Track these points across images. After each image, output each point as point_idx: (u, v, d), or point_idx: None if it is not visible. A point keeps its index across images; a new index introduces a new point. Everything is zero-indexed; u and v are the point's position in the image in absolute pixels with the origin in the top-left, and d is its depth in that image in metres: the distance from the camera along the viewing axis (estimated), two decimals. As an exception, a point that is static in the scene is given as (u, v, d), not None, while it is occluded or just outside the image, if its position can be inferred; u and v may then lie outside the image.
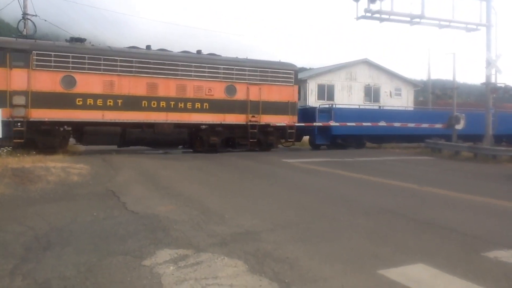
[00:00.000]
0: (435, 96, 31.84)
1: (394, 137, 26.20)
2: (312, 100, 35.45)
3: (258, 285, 4.53)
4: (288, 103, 21.77)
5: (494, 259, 5.54)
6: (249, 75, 21.15)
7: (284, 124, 21.71)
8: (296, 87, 22.34)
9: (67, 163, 13.48)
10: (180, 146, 21.71)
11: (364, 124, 24.11)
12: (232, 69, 20.77)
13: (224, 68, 20.57)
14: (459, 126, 23.89)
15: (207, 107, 20.05)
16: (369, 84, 38.62)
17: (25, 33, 23.71)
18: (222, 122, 20.50)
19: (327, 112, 24.66)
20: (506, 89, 23.42)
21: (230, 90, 20.66)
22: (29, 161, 12.92)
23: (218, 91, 20.35)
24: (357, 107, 30.75)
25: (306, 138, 25.93)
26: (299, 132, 23.40)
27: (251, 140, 20.96)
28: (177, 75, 19.49)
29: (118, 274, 4.80)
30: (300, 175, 13.69)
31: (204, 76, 20.07)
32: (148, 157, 17.69)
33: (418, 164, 18.17)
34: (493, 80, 22.61)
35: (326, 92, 36.90)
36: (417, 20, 21.41)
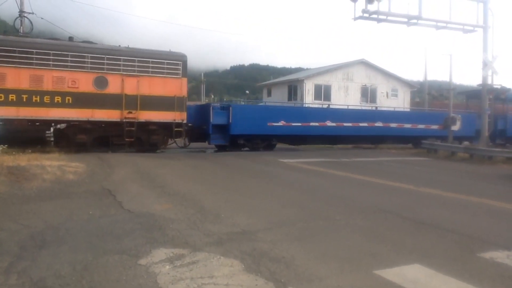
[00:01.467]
0: (431, 97, 31.91)
1: (316, 138, 24.74)
2: (309, 100, 35.48)
3: (254, 285, 4.52)
4: (175, 98, 19.10)
5: (490, 260, 5.55)
6: (124, 65, 18.47)
7: (170, 121, 19.26)
8: (184, 80, 19.68)
9: (63, 161, 13.43)
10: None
11: (275, 124, 22.44)
12: (103, 59, 18.14)
13: (92, 57, 17.93)
14: (456, 127, 23.98)
15: (70, 101, 17.45)
16: (365, 85, 38.69)
17: (21, 31, 23.64)
18: (90, 119, 17.92)
19: (225, 110, 22.03)
20: (502, 90, 23.51)
21: (100, 82, 18.00)
22: (25, 159, 12.86)
23: (84, 83, 17.72)
24: (272, 104, 30.31)
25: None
26: (200, 132, 21.52)
27: (128, 139, 18.47)
28: (31, 64, 16.87)
29: (114, 273, 4.79)
30: (297, 175, 13.69)
31: (66, 66, 17.45)
32: (144, 156, 17.64)
33: (414, 164, 18.21)
34: (489, 81, 22.69)
35: (323, 92, 36.94)
36: (414, 21, 21.47)
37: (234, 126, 21.49)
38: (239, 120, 21.62)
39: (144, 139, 19.20)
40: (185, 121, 19.62)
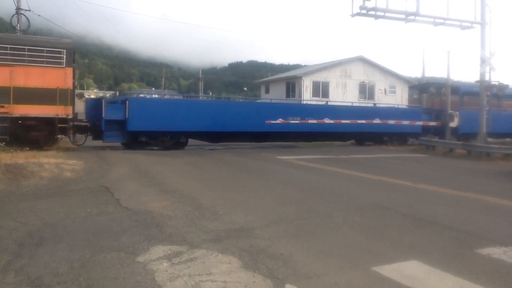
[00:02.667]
0: (430, 94, 31.94)
1: (238, 135, 22.62)
2: (307, 97, 35.49)
3: (252, 282, 4.52)
4: (57, 90, 16.84)
5: (487, 256, 5.56)
6: None
7: (52, 116, 17.01)
8: (69, 70, 17.30)
9: (61, 159, 13.43)
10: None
11: (185, 120, 20.56)
12: None
13: None
14: (453, 124, 24.02)
15: None
16: (363, 81, 38.73)
17: (18, 28, 23.57)
18: None
19: (122, 104, 19.78)
20: (500, 87, 23.53)
21: None
22: (22, 157, 12.85)
23: None
24: (176, 98, 28.64)
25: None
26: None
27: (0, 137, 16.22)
28: None
29: (111, 271, 4.78)
30: (294, 172, 13.70)
31: None
32: (142, 153, 17.64)
33: (412, 161, 18.23)
34: (487, 78, 22.71)
35: (321, 89, 36.97)
36: (412, 17, 21.45)
37: (132, 122, 19.22)
38: (139, 115, 19.44)
39: (22, 136, 16.81)
40: (71, 116, 17.47)
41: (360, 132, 25.30)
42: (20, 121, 16.72)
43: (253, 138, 23.52)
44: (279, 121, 22.25)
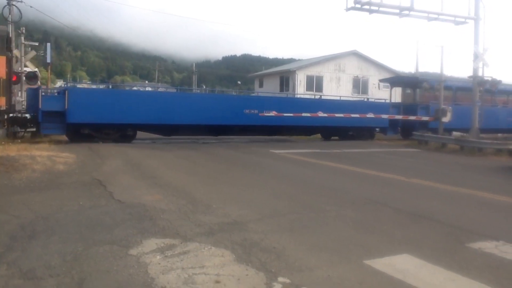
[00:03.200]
0: (423, 89, 32.04)
1: (191, 128, 21.60)
2: (301, 91, 35.49)
3: (245, 275, 4.54)
4: None
5: (479, 250, 5.61)
6: None
7: None
8: (2, 59, 16.26)
9: (53, 151, 13.37)
10: None
11: (133, 111, 19.53)
12: None
13: None
14: (446, 119, 24.12)
15: None
16: (357, 76, 38.80)
17: (10, 20, 23.32)
18: None
19: (61, 94, 18.77)
20: (493, 83, 23.65)
21: None
22: (14, 150, 12.78)
23: None
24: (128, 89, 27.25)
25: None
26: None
27: None
28: None
29: (104, 263, 4.77)
30: (288, 166, 13.72)
31: None
32: (135, 147, 17.59)
33: (405, 156, 18.31)
34: (480, 74, 22.81)
35: (314, 83, 36.99)
36: (406, 12, 21.49)
37: (71, 113, 18.22)
38: (80, 107, 18.37)
39: None
40: (3, 108, 16.54)
41: (322, 126, 24.56)
42: None
43: (210, 132, 22.68)
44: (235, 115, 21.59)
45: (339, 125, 24.55)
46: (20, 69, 22.39)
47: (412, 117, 25.98)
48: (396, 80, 31.48)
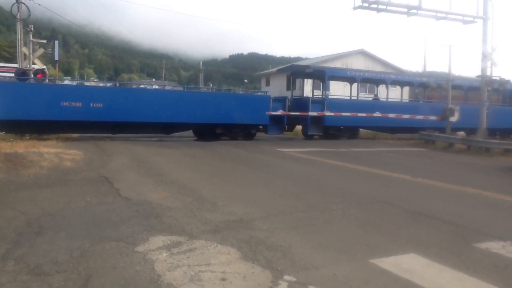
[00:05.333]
0: (430, 89, 31.89)
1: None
2: (308, 90, 35.41)
3: (251, 273, 4.54)
4: None
5: (485, 250, 5.58)
6: None
7: None
8: None
9: (60, 148, 13.44)
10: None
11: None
12: None
13: None
14: (454, 118, 23.99)
15: None
16: (364, 75, 38.57)
17: (18, 18, 23.47)
18: None
19: None
20: (501, 82, 23.49)
21: None
22: (22, 146, 12.86)
23: None
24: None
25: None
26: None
27: None
28: None
29: (110, 260, 4.80)
30: (294, 164, 13.70)
31: None
32: (142, 144, 17.65)
33: (411, 155, 18.24)
34: (488, 73, 22.66)
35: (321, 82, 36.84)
36: (414, 11, 21.37)
37: None
38: None
39: None
40: None
41: (184, 124, 21.12)
42: None
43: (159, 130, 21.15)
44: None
45: (202, 122, 21.14)
46: (28, 66, 22.53)
47: (419, 117, 25.84)
48: (296, 70, 27.97)
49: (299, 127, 25.67)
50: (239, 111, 21.43)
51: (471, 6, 22.72)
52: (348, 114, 24.16)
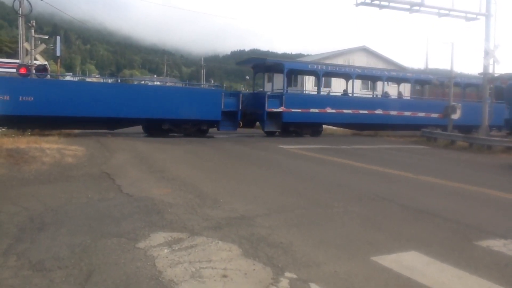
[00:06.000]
0: (432, 86, 31.83)
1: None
2: (309, 87, 35.37)
3: (252, 269, 4.55)
4: None
5: (487, 248, 5.58)
6: None
7: None
8: None
9: (62, 144, 13.44)
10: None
11: None
12: None
13: None
14: (455, 116, 23.95)
15: None
16: (366, 72, 38.49)
17: (20, 13, 23.45)
18: None
19: None
20: (503, 79, 23.43)
21: None
22: (24, 142, 12.87)
23: None
24: None
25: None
26: None
27: None
28: None
29: (112, 256, 4.81)
30: (295, 161, 13.70)
31: None
32: (144, 141, 17.66)
33: (413, 152, 18.22)
34: (490, 71, 22.61)
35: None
36: (417, 7, 21.34)
37: None
38: None
39: None
40: None
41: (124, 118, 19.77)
42: None
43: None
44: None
45: (155, 117, 19.94)
46: (30, 61, 22.52)
47: (421, 114, 25.80)
48: (256, 63, 26.28)
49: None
50: (188, 106, 20.21)
51: (474, 3, 22.75)
52: (314, 110, 23.19)
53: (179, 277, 4.28)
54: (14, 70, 21.43)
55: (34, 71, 20.73)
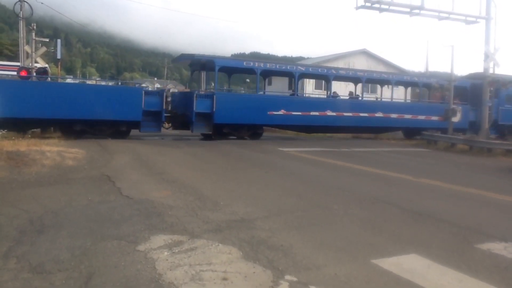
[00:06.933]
0: (432, 89, 31.81)
1: None
2: (310, 90, 35.40)
3: (252, 272, 4.54)
4: None
5: (487, 251, 5.57)
6: None
7: None
8: None
9: (62, 147, 13.45)
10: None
11: None
12: None
13: None
14: (456, 119, 23.96)
15: None
16: (366, 75, 38.50)
17: (21, 16, 23.49)
18: None
19: None
20: (503, 82, 23.45)
21: None
22: (24, 145, 12.87)
23: None
24: None
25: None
26: None
27: None
28: None
29: (112, 259, 4.81)
30: (296, 164, 13.69)
31: None
32: (144, 143, 17.66)
33: (413, 155, 18.22)
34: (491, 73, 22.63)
35: (323, 82, 36.80)
36: (417, 11, 21.41)
37: None
38: None
39: None
40: None
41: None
42: None
43: None
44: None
45: (65, 118, 18.21)
46: (30, 64, 22.56)
47: (421, 117, 25.79)
48: (187, 60, 24.48)
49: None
50: (103, 105, 18.34)
51: (474, 6, 22.75)
52: (252, 111, 21.50)
53: (179, 280, 4.28)
54: (15, 73, 21.48)
55: (34, 74, 20.78)
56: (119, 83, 22.95)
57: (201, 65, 23.56)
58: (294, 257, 5.02)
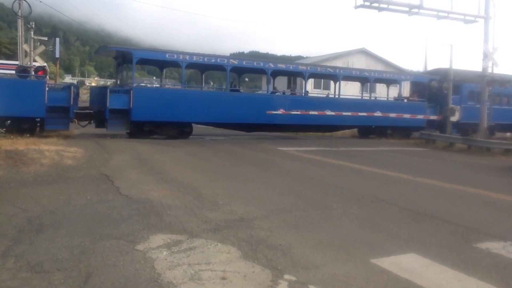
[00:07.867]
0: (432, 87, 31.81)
1: None
2: (309, 89, 35.38)
3: (251, 272, 4.55)
4: None
5: (486, 250, 5.58)
6: None
7: None
8: None
9: (61, 146, 13.44)
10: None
11: None
12: None
13: None
14: (454, 118, 23.98)
15: None
16: (365, 74, 38.52)
17: (19, 15, 23.46)
18: None
19: None
20: (502, 82, 23.47)
21: None
22: (23, 144, 12.86)
23: None
24: None
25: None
26: None
27: None
28: None
29: (111, 258, 4.80)
30: (294, 163, 13.70)
31: None
32: (143, 142, 17.63)
33: (412, 155, 18.23)
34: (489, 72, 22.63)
35: (322, 81, 36.81)
36: (416, 10, 21.36)
37: None
38: None
39: None
40: None
41: None
42: None
43: None
44: None
45: None
46: (29, 63, 22.50)
47: (420, 116, 25.77)
48: (106, 51, 22.09)
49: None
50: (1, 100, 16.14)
51: (473, 6, 22.74)
52: (177, 107, 19.82)
53: (178, 279, 4.27)
54: (14, 72, 21.40)
55: (33, 73, 20.73)
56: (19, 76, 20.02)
57: (122, 57, 21.55)
58: (293, 257, 5.02)
